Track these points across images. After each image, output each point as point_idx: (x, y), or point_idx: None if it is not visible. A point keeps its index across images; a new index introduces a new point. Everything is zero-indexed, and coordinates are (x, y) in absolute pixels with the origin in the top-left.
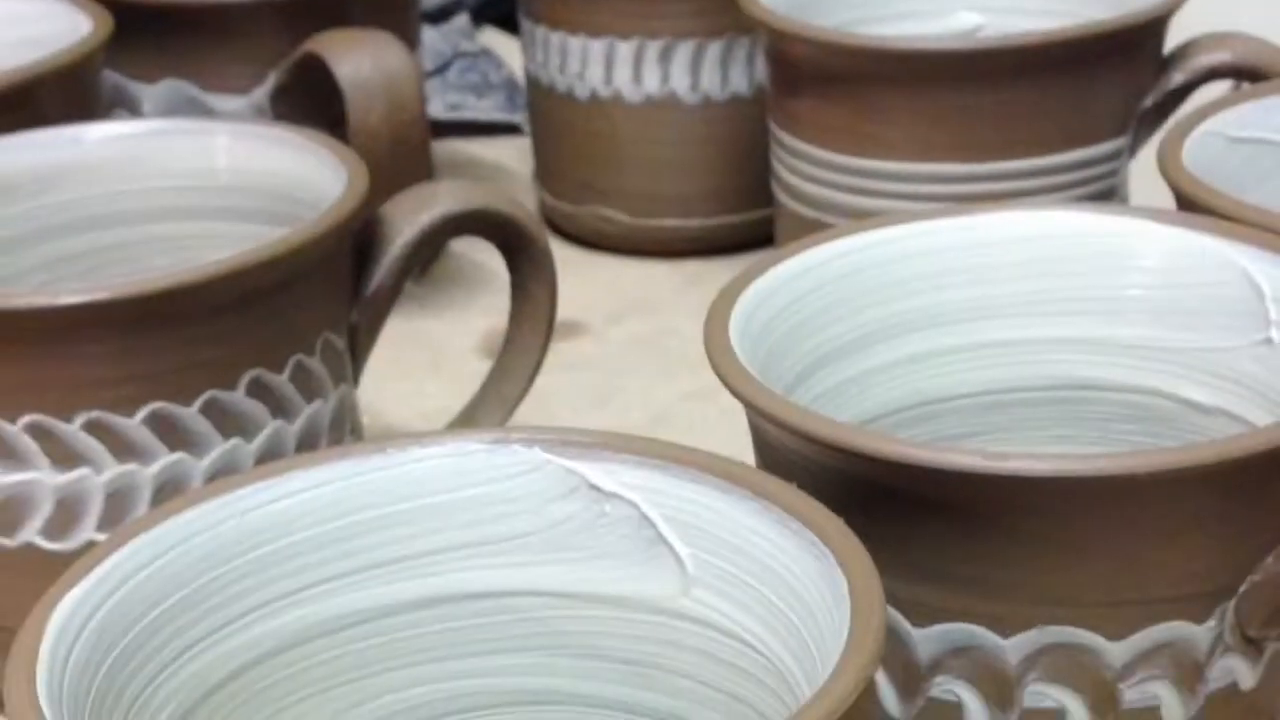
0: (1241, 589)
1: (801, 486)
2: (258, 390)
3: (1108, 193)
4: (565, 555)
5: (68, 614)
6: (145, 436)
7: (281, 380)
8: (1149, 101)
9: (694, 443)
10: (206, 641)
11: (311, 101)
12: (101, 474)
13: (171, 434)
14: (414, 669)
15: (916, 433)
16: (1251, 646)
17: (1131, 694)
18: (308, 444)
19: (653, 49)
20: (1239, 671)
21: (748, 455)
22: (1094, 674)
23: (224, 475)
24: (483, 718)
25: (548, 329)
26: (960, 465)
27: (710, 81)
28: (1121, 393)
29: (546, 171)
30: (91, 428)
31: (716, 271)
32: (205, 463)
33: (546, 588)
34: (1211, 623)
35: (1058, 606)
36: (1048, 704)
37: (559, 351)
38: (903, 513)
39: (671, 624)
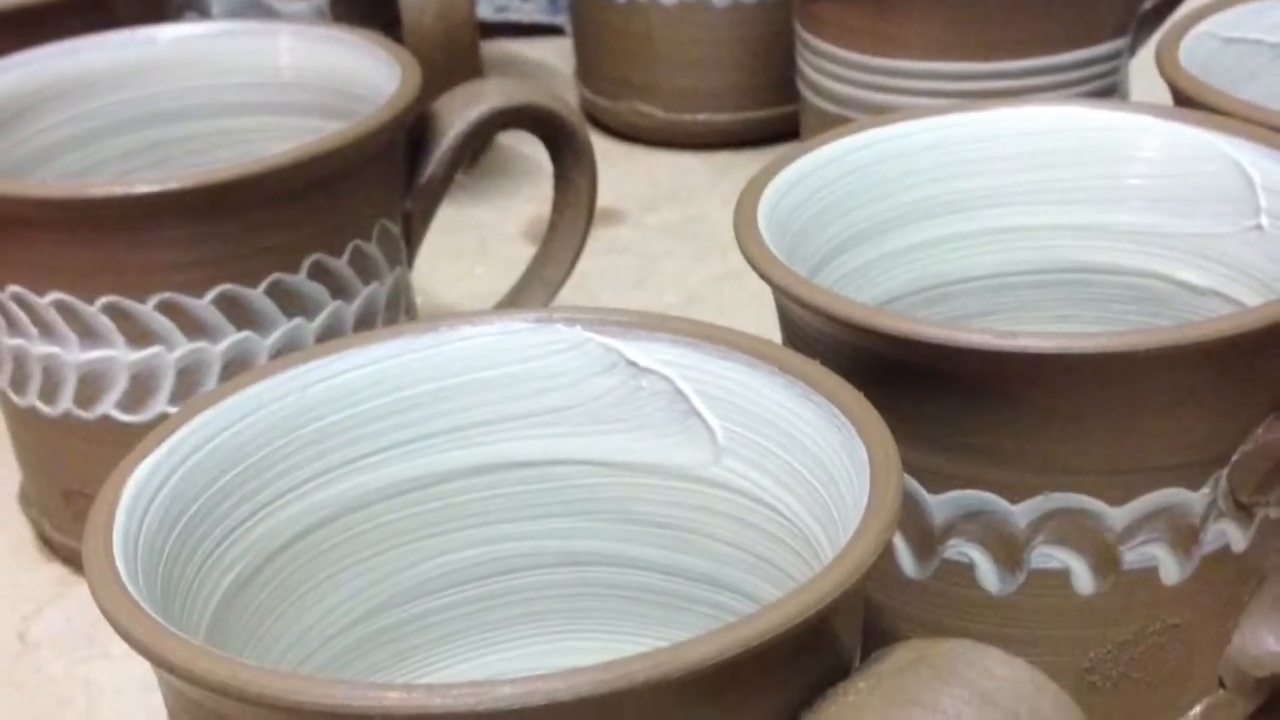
0: (1234, 458)
1: (824, 363)
2: (318, 273)
3: (1109, 90)
4: (604, 426)
5: (142, 481)
6: (214, 316)
7: (341, 264)
8: (1148, 4)
9: (724, 322)
10: (271, 507)
11: (368, 4)
12: (173, 351)
13: (238, 314)
14: (464, 532)
15: (932, 312)
16: (1243, 512)
17: (1131, 556)
18: (365, 323)
19: None
20: (1231, 535)
21: (774, 333)
22: (1096, 537)
23: (287, 352)
24: (528, 578)
25: (588, 216)
26: (972, 343)
27: None
28: (1121, 275)
29: (586, 70)
30: (164, 308)
31: (745, 162)
32: (270, 341)
33: (587, 457)
34: (1206, 489)
35: (1063, 474)
36: (1053, 565)
37: (598, 237)
38: (918, 387)
39: (703, 490)
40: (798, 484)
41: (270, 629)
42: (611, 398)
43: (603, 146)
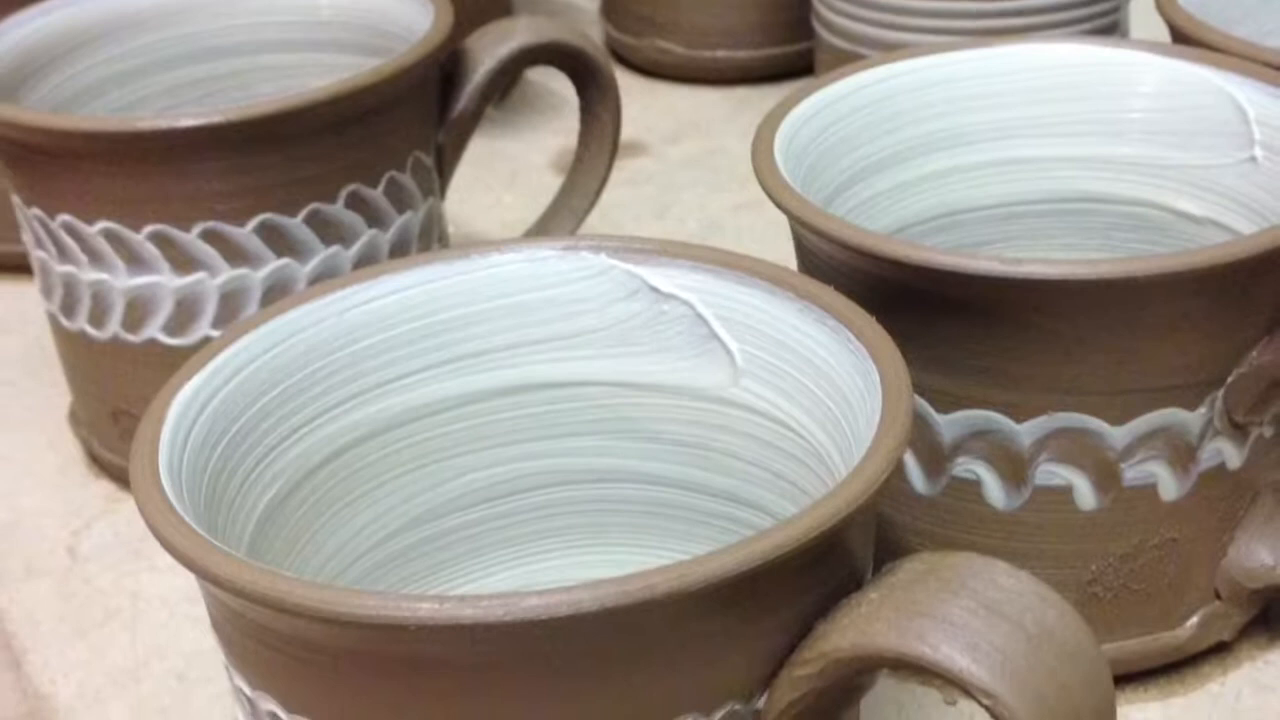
0: (1229, 379)
1: (838, 289)
2: (355, 202)
3: (1110, 28)
4: (628, 349)
5: (186, 402)
6: (255, 244)
7: (376, 194)
8: None
9: (742, 250)
10: (309, 426)
11: None
12: (216, 277)
13: (278, 242)
14: (494, 450)
15: (941, 240)
16: (1238, 431)
17: (1131, 473)
18: (400, 250)
19: None
20: (1227, 453)
21: (790, 261)
22: (1098, 455)
23: (325, 279)
24: (555, 494)
25: (612, 148)
26: (980, 269)
27: None
28: (1122, 205)
29: (611, 7)
30: (207, 236)
31: (762, 97)
32: (308, 267)
33: (611, 378)
34: (1203, 409)
35: (1066, 395)
36: (1057, 482)
37: (622, 168)
38: (929, 312)
39: (722, 410)
40: (813, 404)
41: (309, 543)
42: (634, 322)
43: (626, 82)
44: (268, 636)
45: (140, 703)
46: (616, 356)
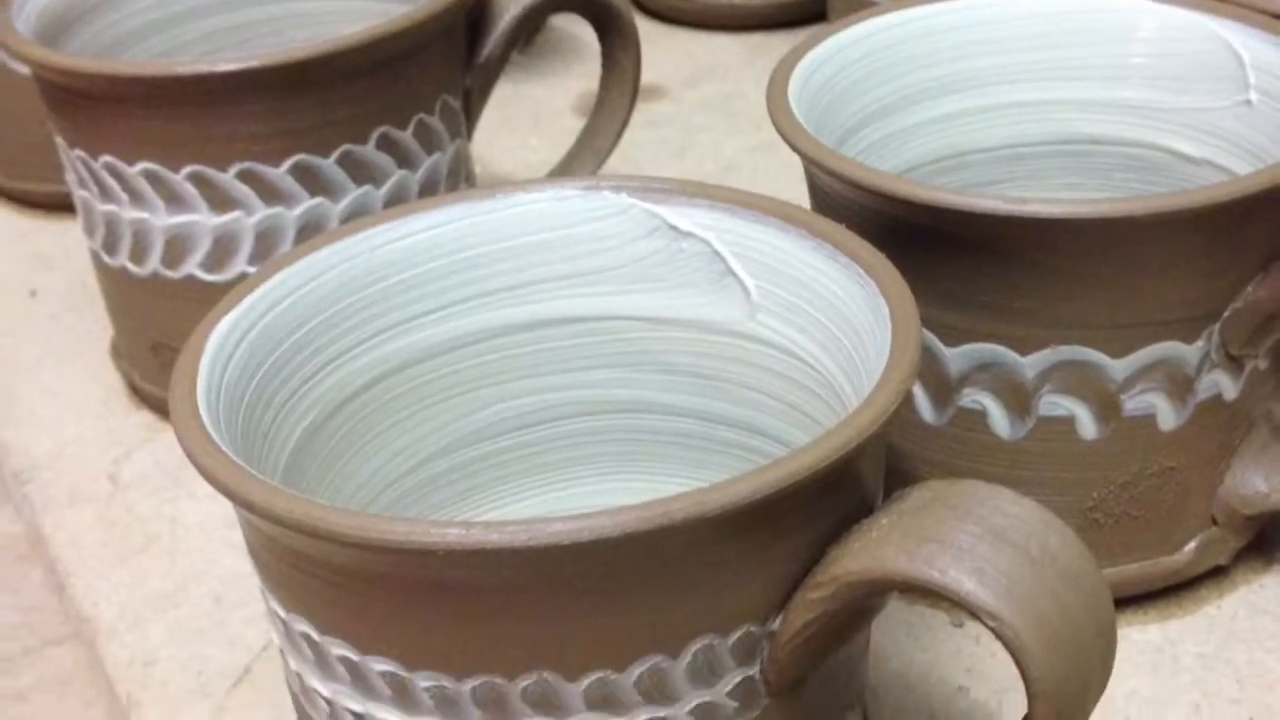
0: (1225, 314)
1: (850, 227)
2: (386, 144)
3: None
4: (647, 285)
5: (223, 335)
6: (289, 184)
7: (406, 135)
8: None
9: (757, 190)
10: (342, 359)
11: None
12: (252, 216)
13: (312, 181)
14: (519, 382)
15: (948, 180)
16: (1234, 363)
17: (1131, 404)
18: (428, 190)
19: None
20: (1223, 385)
21: (803, 201)
22: (1099, 386)
23: (356, 217)
24: (578, 424)
25: (633, 92)
26: (985, 208)
27: None
28: (1122, 146)
29: None
30: (244, 176)
31: (777, 43)
32: (340, 206)
33: (632, 313)
34: (1200, 343)
35: (1068, 329)
36: (1059, 412)
37: (642, 111)
38: (936, 249)
39: (739, 344)
40: (825, 338)
41: (341, 471)
42: (654, 259)
43: (646, 28)
44: (301, 561)
45: (179, 625)
46: (637, 292)
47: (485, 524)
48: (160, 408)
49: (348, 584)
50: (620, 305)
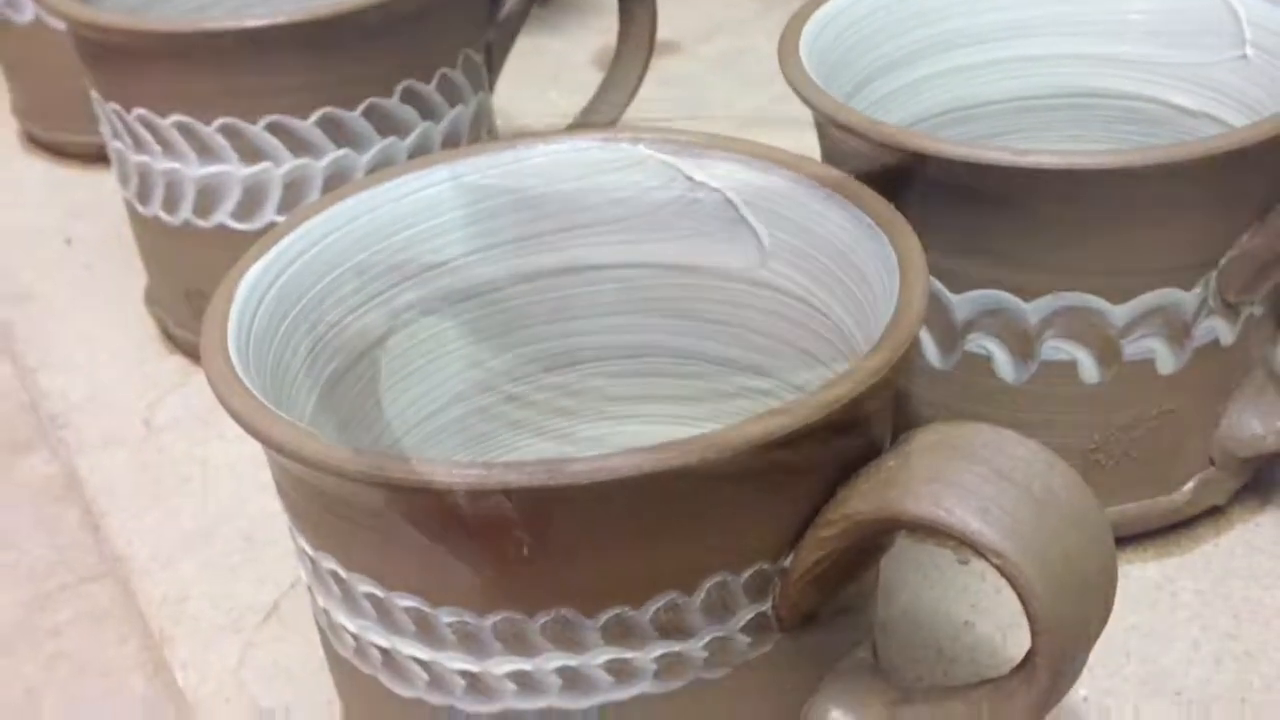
0: (1222, 262)
1: (859, 178)
2: (410, 97)
3: None
4: (664, 234)
5: (253, 282)
6: (317, 135)
7: (429, 89)
8: None
9: (769, 142)
10: (366, 305)
11: None
12: (280, 167)
13: (338, 133)
14: (539, 328)
15: (955, 132)
16: (1230, 310)
17: (1131, 348)
18: (451, 141)
19: None
20: (1220, 330)
21: (815, 152)
22: (1100, 332)
23: (382, 168)
24: (597, 368)
25: (649, 47)
26: (991, 159)
27: None
28: (1123, 100)
29: None
30: (273, 128)
31: None
32: (366, 157)
33: (648, 260)
34: (1198, 290)
35: (1070, 276)
36: (1062, 357)
37: (658, 65)
38: (943, 199)
39: (751, 290)
40: (835, 284)
41: (367, 414)
42: (670, 208)
43: None
44: (327, 500)
45: (210, 562)
46: (654, 240)
47: (505, 464)
48: (192, 353)
49: (373, 523)
50: (638, 253)
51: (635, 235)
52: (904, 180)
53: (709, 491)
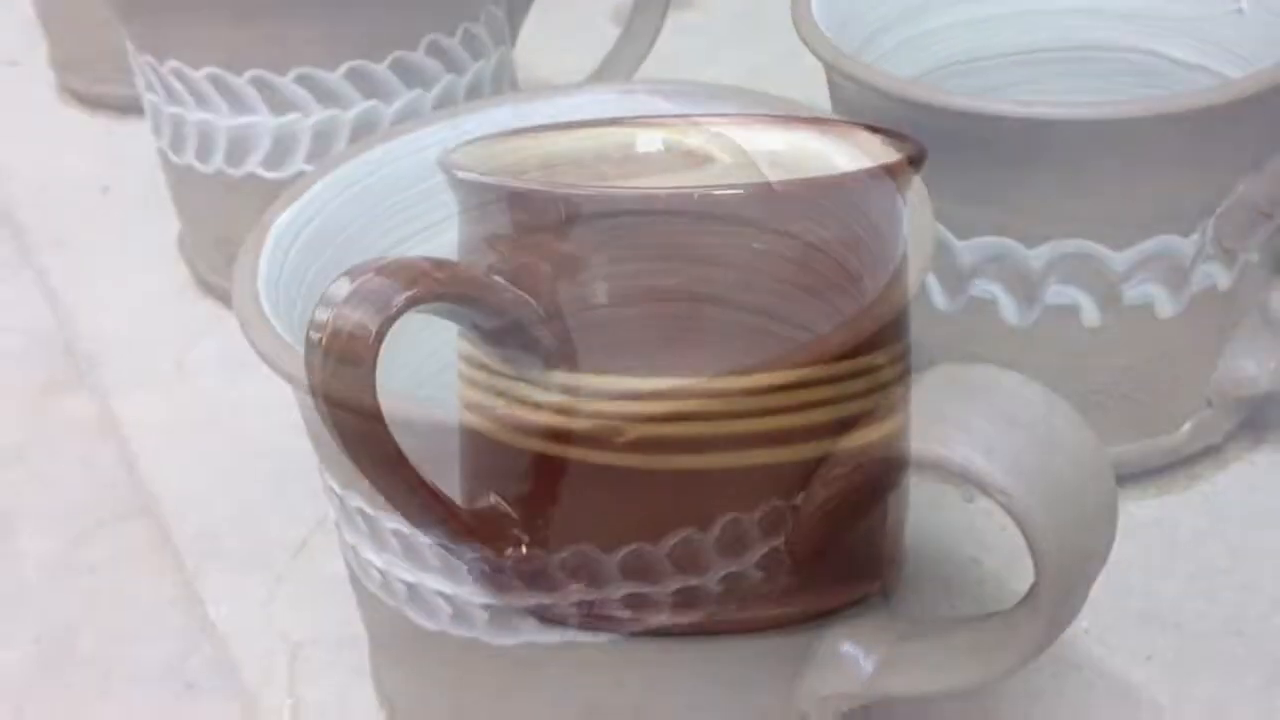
0: (1219, 209)
1: (868, 128)
2: (435, 50)
3: None
4: (679, 182)
5: (282, 229)
6: (344, 87)
7: (454, 43)
8: None
9: (782, 94)
10: (394, 252)
11: None
12: (309, 118)
13: (365, 85)
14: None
15: (961, 84)
16: (1227, 255)
17: (1131, 293)
18: (474, 94)
19: None
20: (1217, 276)
21: (826, 104)
22: (1101, 277)
23: (407, 119)
24: (614, 312)
25: (665, 1)
26: (994, 110)
27: None
28: (1122, 52)
29: None
30: (301, 80)
31: None
32: (392, 109)
33: (665, 207)
34: (1195, 236)
35: (1071, 223)
36: (1064, 301)
37: (674, 20)
38: (949, 148)
39: (764, 237)
40: (844, 230)
41: (392, 360)
42: (687, 159)
43: None
44: None
45: (241, 500)
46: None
47: (519, 405)
48: (224, 298)
49: None
50: (654, 202)
51: (653, 183)
52: (912, 130)
53: (726, 428)
